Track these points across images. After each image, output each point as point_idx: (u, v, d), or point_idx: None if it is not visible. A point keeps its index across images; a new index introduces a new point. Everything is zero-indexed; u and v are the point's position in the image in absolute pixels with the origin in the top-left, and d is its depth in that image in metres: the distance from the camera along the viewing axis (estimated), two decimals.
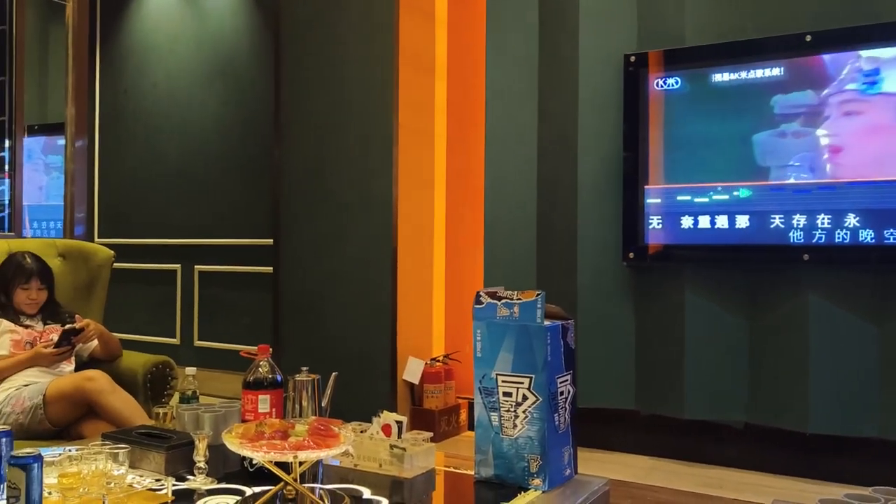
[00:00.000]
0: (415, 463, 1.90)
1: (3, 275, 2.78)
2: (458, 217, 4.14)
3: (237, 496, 1.72)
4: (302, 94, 4.17)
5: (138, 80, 5.58)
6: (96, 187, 5.71)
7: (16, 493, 1.47)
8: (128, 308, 5.33)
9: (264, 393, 1.93)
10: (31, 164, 5.31)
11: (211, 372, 4.81)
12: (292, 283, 4.18)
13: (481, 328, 1.81)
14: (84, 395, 2.52)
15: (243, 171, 5.09)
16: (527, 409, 1.75)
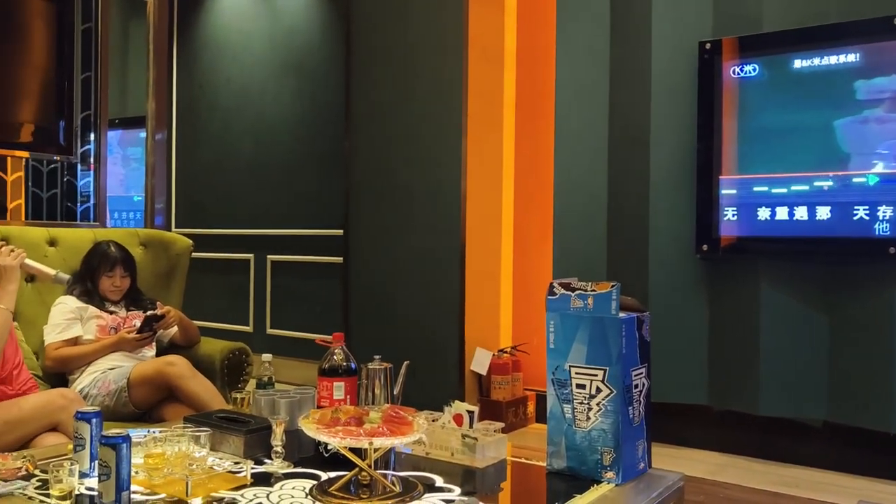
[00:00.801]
0: (486, 453, 1.90)
1: (89, 263, 2.89)
2: (527, 208, 4.12)
3: (313, 480, 1.76)
4: (372, 86, 4.21)
5: (213, 75, 5.73)
6: (173, 179, 5.89)
7: (107, 470, 1.54)
8: (203, 296, 5.48)
9: (339, 380, 1.97)
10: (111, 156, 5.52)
11: (282, 359, 4.92)
12: (362, 272, 4.23)
13: (554, 319, 1.80)
14: (165, 380, 2.61)
15: (314, 163, 5.17)
16: (600, 401, 1.74)
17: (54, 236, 3.03)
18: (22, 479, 1.73)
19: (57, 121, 3.40)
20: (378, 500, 1.61)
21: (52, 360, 2.72)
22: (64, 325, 2.76)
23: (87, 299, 2.83)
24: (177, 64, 5.88)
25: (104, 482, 1.54)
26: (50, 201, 3.38)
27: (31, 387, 2.47)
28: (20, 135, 3.29)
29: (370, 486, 1.67)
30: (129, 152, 6.49)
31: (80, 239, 3.06)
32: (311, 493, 1.66)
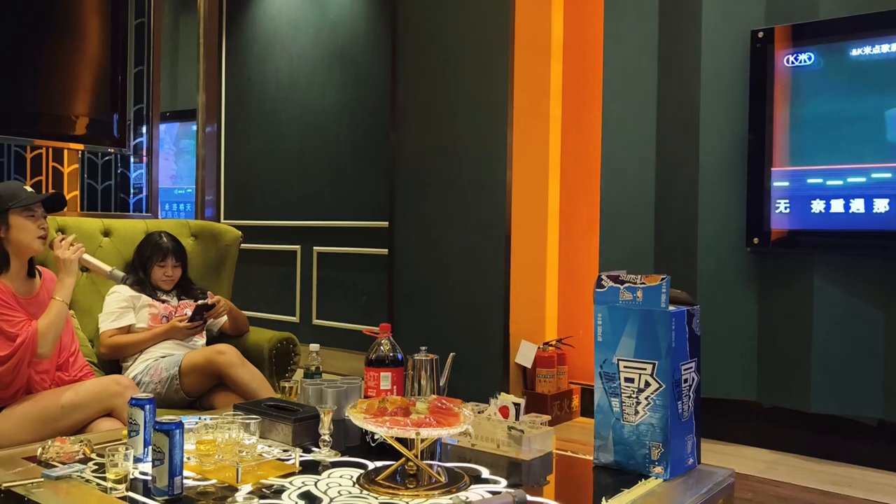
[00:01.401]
0: (533, 446, 1.90)
1: (142, 253, 2.96)
2: (573, 200, 4.09)
3: (360, 469, 1.78)
4: (418, 78, 4.22)
5: (261, 67, 5.80)
6: (222, 171, 5.98)
7: (160, 456, 1.57)
8: (250, 286, 5.57)
9: (386, 370, 1.98)
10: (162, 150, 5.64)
11: (328, 349, 4.97)
12: (407, 264, 4.25)
13: (602, 312, 1.79)
14: (215, 368, 2.65)
15: (361, 155, 5.21)
16: (649, 395, 1.72)
17: (108, 227, 3.10)
18: (79, 462, 1.78)
19: (111, 114, 3.48)
20: (424, 491, 1.62)
21: (107, 347, 2.80)
22: (118, 313, 2.83)
23: (140, 288, 2.90)
24: (226, 57, 5.96)
25: (157, 467, 1.58)
26: (104, 193, 3.46)
27: (87, 373, 2.53)
28: (76, 128, 3.38)
29: (416, 477, 1.68)
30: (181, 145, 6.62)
31: (133, 229, 3.13)
32: (358, 482, 1.68)
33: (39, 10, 3.25)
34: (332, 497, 1.60)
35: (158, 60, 3.64)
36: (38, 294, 2.40)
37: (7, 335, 2.21)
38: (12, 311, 2.24)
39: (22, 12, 3.19)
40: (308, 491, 1.63)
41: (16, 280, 2.34)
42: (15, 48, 3.15)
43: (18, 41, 3.16)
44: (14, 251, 2.32)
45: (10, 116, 3.16)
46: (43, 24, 3.25)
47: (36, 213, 2.34)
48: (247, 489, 1.64)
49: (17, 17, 3.16)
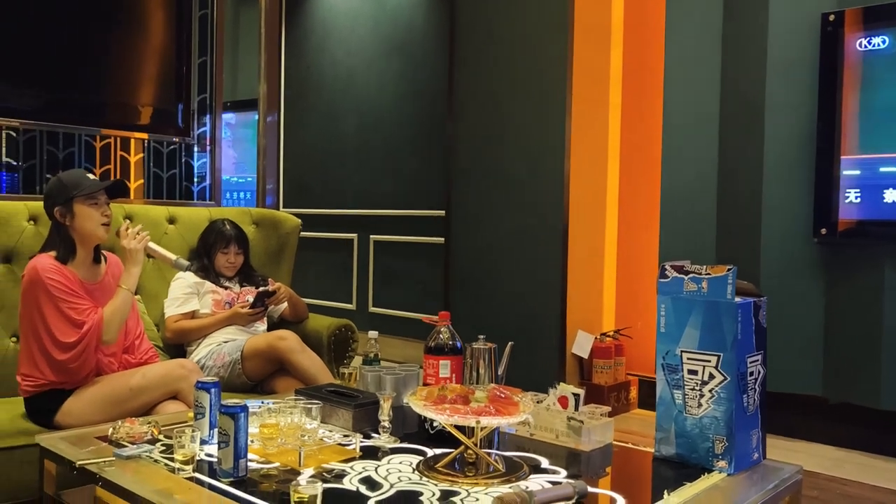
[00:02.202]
0: (592, 437, 1.88)
1: (206, 240, 3.02)
2: (632, 189, 4.03)
3: (419, 456, 1.79)
4: (475, 67, 4.20)
5: (320, 57, 5.85)
6: (281, 160, 6.07)
7: (226, 438, 1.61)
8: (308, 274, 5.65)
9: (445, 358, 1.99)
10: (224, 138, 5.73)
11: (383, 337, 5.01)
12: (463, 253, 4.25)
13: (666, 303, 1.75)
14: (276, 353, 2.70)
15: (418, 144, 5.22)
16: (713, 388, 1.69)
17: (173, 214, 3.18)
18: (148, 442, 1.84)
19: (176, 104, 3.56)
20: (483, 479, 1.62)
21: (172, 332, 2.87)
22: (182, 299, 2.90)
23: (204, 275, 2.96)
24: (285, 47, 6.03)
25: (223, 449, 1.62)
26: (169, 181, 3.55)
27: (152, 356, 2.60)
28: (141, 118, 3.47)
29: (475, 465, 1.68)
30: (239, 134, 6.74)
31: (196, 217, 3.20)
32: (417, 469, 1.69)
33: (107, 3, 3.34)
34: (393, 483, 1.61)
35: (221, 51, 3.70)
36: (103, 280, 2.46)
37: (74, 322, 2.27)
38: (79, 299, 2.31)
39: (90, 5, 3.28)
40: (369, 476, 1.65)
41: (81, 267, 2.40)
42: (83, 40, 3.24)
43: (87, 33, 3.25)
44: (79, 239, 2.38)
45: (78, 107, 3.25)
46: (110, 16, 3.34)
47: (99, 201, 2.39)
48: (309, 473, 1.66)
49: (85, 10, 3.26)
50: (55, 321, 2.26)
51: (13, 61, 3.09)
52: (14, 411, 2.31)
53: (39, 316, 2.26)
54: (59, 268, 2.31)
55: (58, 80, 3.18)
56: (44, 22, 3.14)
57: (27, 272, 2.29)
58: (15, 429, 2.19)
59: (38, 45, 3.13)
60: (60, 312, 2.26)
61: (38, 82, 3.14)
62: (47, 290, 2.25)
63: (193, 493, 1.57)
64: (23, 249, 2.65)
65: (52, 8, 3.16)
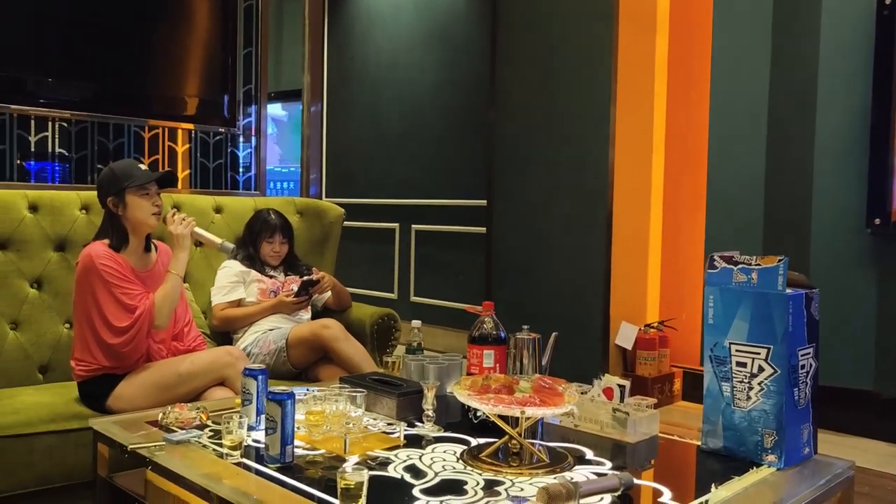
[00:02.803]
0: (638, 428, 1.87)
1: (251, 229, 3.06)
2: (678, 178, 3.97)
3: (462, 445, 1.79)
4: (518, 54, 4.17)
5: (363, 46, 5.87)
6: (324, 150, 6.11)
7: (273, 424, 1.63)
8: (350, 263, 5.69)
9: (489, 348, 1.98)
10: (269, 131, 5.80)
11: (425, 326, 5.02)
12: (505, 243, 4.24)
13: (714, 294, 1.73)
14: (320, 342, 2.73)
15: (460, 133, 5.21)
16: (762, 381, 1.66)
17: (220, 204, 3.22)
18: (196, 428, 1.87)
19: (221, 95, 3.60)
20: (528, 469, 1.62)
21: (219, 319, 2.92)
22: (229, 287, 2.94)
23: (250, 264, 3.00)
24: (328, 37, 6.06)
25: (270, 436, 1.64)
26: (216, 171, 3.60)
27: (200, 343, 2.65)
28: (188, 108, 3.52)
29: (519, 455, 1.68)
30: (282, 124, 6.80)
31: (242, 206, 3.24)
32: (461, 458, 1.69)
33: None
34: (437, 471, 1.61)
35: (266, 42, 3.74)
36: (154, 268, 2.51)
37: (127, 307, 2.33)
38: (131, 285, 2.36)
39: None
40: (413, 464, 1.66)
41: (133, 255, 2.46)
42: (131, 33, 3.30)
43: (135, 26, 3.31)
44: (131, 228, 2.44)
45: (127, 98, 3.32)
46: (158, 9, 3.39)
47: (150, 191, 2.44)
48: (354, 460, 1.68)
49: (133, 4, 3.31)
50: (108, 306, 2.31)
51: (64, 55, 3.16)
52: (68, 395, 2.38)
53: (93, 301, 2.32)
54: (112, 254, 2.36)
55: (107, 73, 3.25)
56: (93, 16, 3.20)
57: (81, 259, 2.35)
58: (69, 412, 2.26)
59: (88, 39, 3.20)
60: (113, 297, 2.31)
61: (88, 75, 3.21)
62: (101, 276, 2.31)
63: (241, 479, 1.59)
64: (75, 238, 2.72)
65: (102, 2, 3.22)
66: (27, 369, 2.59)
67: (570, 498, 1.37)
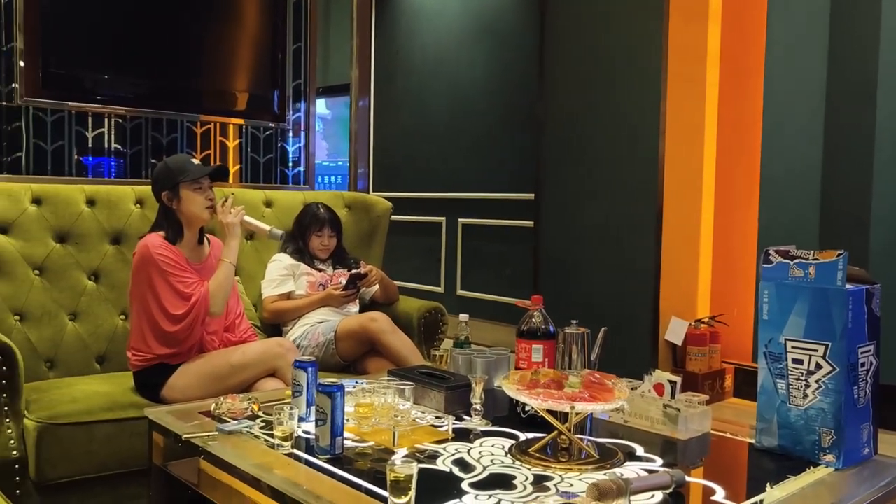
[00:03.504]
0: (689, 425, 1.84)
1: (301, 223, 3.10)
2: (729, 171, 3.89)
3: (510, 440, 1.79)
4: (567, 46, 4.13)
5: (409, 40, 5.88)
6: (371, 144, 6.14)
7: (323, 416, 1.65)
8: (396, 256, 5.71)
9: (538, 342, 1.97)
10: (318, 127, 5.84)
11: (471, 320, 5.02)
12: (553, 237, 4.21)
13: (769, 289, 1.69)
14: (368, 334, 2.75)
15: (507, 127, 5.18)
16: (820, 378, 1.61)
17: (270, 198, 3.27)
18: (248, 418, 1.90)
19: (271, 90, 3.64)
20: (577, 465, 1.61)
21: (269, 312, 2.96)
22: (279, 280, 2.98)
23: (299, 257, 3.03)
24: (375, 31, 6.08)
25: (321, 427, 1.66)
26: (266, 165, 3.64)
27: (251, 335, 2.69)
28: (238, 104, 3.57)
29: (569, 450, 1.67)
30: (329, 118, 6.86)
31: (292, 200, 3.28)
32: (510, 452, 1.69)
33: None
34: (486, 465, 1.61)
35: (315, 37, 3.76)
36: (207, 260, 2.56)
37: (182, 295, 2.38)
38: (186, 274, 2.42)
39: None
40: (461, 458, 1.66)
41: (187, 248, 2.51)
42: (183, 30, 3.36)
43: (186, 23, 3.37)
44: (186, 221, 2.49)
45: (179, 94, 3.38)
46: (209, 6, 3.44)
47: (203, 185, 2.49)
48: (402, 452, 1.68)
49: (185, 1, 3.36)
50: (165, 294, 2.36)
51: (119, 53, 3.23)
52: (124, 385, 2.44)
53: (150, 290, 2.37)
54: (167, 245, 2.42)
55: (160, 69, 3.31)
56: (147, 14, 3.27)
57: (138, 250, 2.41)
58: (126, 402, 2.31)
59: (142, 37, 3.26)
60: (170, 286, 2.37)
61: (142, 72, 3.28)
62: (157, 266, 2.36)
63: (292, 469, 1.61)
64: (130, 231, 2.79)
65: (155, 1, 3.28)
66: (85, 359, 2.67)
67: (620, 494, 1.36)
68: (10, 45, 2.94)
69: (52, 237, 2.67)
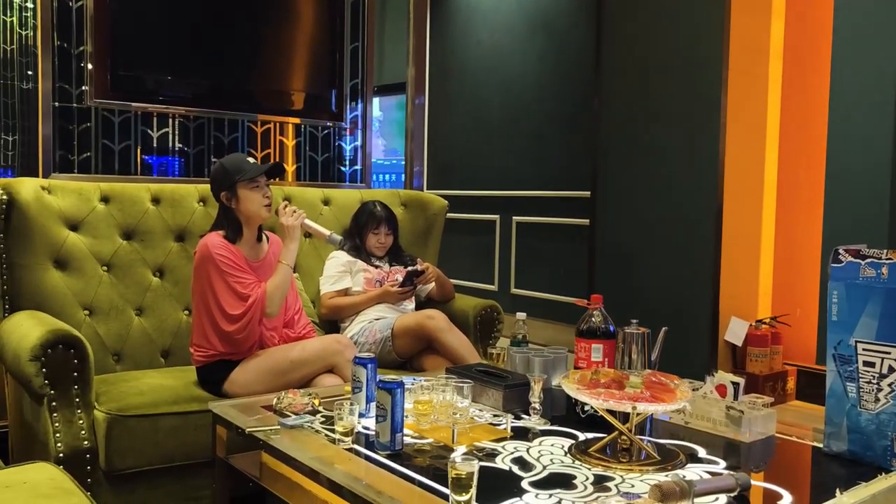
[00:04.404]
0: (753, 428, 1.80)
1: (358, 220, 3.13)
2: (793, 168, 3.79)
3: (570, 439, 1.78)
4: (624, 41, 4.08)
5: (464, 38, 5.88)
6: (425, 142, 6.16)
7: (383, 412, 1.66)
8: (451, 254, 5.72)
9: (598, 342, 1.96)
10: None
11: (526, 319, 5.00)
12: (609, 235, 4.16)
13: (839, 289, 1.64)
14: (425, 332, 2.76)
15: (561, 124, 5.15)
16: (893, 382, 1.56)
17: (328, 196, 3.31)
18: (309, 413, 1.93)
19: (329, 89, 3.68)
20: (638, 466, 1.59)
21: (326, 308, 3.00)
22: (336, 277, 3.02)
23: (356, 254, 3.07)
24: (430, 30, 6.10)
25: (381, 423, 1.67)
26: (324, 164, 3.69)
27: (310, 331, 2.73)
28: (297, 103, 3.62)
29: (629, 451, 1.65)
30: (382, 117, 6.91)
31: (349, 198, 3.32)
32: (569, 452, 1.68)
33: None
34: (545, 465, 1.61)
35: (372, 36, 3.79)
36: (266, 258, 2.60)
37: (240, 296, 2.42)
38: (245, 274, 2.46)
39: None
40: (521, 457, 1.65)
41: (246, 246, 2.55)
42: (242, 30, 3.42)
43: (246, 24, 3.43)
44: (244, 220, 2.53)
45: (239, 94, 3.44)
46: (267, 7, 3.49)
47: (260, 184, 2.53)
48: (461, 450, 1.69)
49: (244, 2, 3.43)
50: (223, 294, 2.41)
51: (181, 54, 3.30)
52: (187, 379, 2.50)
53: (210, 290, 2.42)
54: (226, 245, 2.47)
55: (221, 70, 3.38)
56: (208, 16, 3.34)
57: (199, 249, 2.46)
58: (189, 395, 2.37)
59: (203, 38, 3.34)
60: (228, 286, 2.41)
61: (204, 72, 3.35)
62: (217, 266, 2.41)
63: (353, 464, 1.63)
64: (193, 229, 2.85)
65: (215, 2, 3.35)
66: (151, 353, 2.74)
67: (683, 496, 1.34)
68: (81, 49, 3.04)
69: (119, 234, 2.75)
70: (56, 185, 2.67)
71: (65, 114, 3.04)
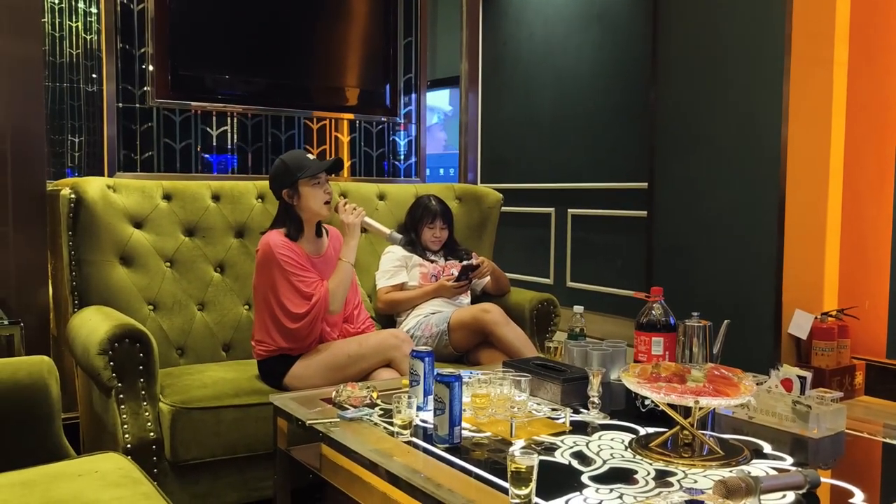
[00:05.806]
0: (822, 423, 1.75)
1: (413, 215, 3.14)
2: (860, 156, 3.66)
3: (630, 434, 1.75)
4: (682, 28, 3.99)
5: (516, 31, 5.85)
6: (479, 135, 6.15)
7: (441, 406, 1.67)
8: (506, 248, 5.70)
9: (658, 335, 1.93)
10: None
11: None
12: (667, 227, 4.09)
13: None
14: (481, 326, 2.75)
15: (617, 115, 5.08)
16: None
17: (383, 191, 3.33)
18: (367, 406, 1.95)
19: (383, 84, 3.70)
20: (701, 461, 1.56)
21: (383, 302, 3.02)
22: (392, 271, 3.03)
23: (412, 249, 3.07)
24: (483, 23, 6.07)
25: (439, 416, 1.68)
26: (378, 159, 3.71)
27: (369, 326, 2.75)
28: (351, 99, 3.64)
29: (691, 446, 1.62)
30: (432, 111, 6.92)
31: (404, 193, 3.33)
32: (630, 447, 1.66)
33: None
34: (605, 459, 1.59)
35: (425, 31, 3.80)
36: (326, 252, 2.63)
37: (304, 294, 2.45)
38: (307, 273, 2.48)
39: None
40: (580, 451, 1.64)
41: (307, 242, 2.58)
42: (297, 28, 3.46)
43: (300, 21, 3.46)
44: (305, 216, 2.56)
45: (295, 91, 3.48)
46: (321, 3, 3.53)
47: (321, 180, 2.55)
48: (520, 444, 1.68)
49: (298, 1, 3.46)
50: (287, 293, 2.44)
51: (238, 53, 3.36)
52: (248, 372, 2.55)
53: (272, 289, 2.46)
54: (288, 244, 2.50)
55: (277, 68, 3.42)
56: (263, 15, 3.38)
57: (261, 247, 2.50)
58: (251, 388, 2.42)
59: (259, 37, 3.39)
60: (291, 285, 2.44)
61: (260, 71, 3.40)
62: (280, 265, 2.44)
63: (411, 457, 1.64)
64: (252, 225, 2.90)
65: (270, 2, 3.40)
66: (213, 347, 2.80)
67: (749, 493, 1.31)
68: (143, 51, 3.12)
69: (181, 231, 2.82)
70: (120, 183, 2.75)
71: (128, 114, 3.12)
